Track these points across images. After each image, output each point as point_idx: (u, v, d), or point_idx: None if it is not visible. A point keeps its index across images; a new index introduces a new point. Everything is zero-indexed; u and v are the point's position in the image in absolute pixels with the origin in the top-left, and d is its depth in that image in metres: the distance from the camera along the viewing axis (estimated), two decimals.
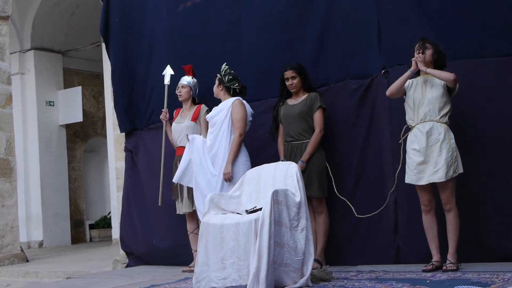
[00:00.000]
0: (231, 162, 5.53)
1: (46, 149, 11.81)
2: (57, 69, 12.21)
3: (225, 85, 5.82)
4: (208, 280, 4.44)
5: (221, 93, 5.86)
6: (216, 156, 5.68)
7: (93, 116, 13.07)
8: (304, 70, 5.54)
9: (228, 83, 5.81)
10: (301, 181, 4.63)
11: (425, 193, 4.81)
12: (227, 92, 5.84)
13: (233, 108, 5.65)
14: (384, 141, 5.39)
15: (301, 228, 4.42)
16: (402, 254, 5.29)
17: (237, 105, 5.66)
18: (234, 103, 5.67)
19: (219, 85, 5.86)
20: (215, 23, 6.48)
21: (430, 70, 4.76)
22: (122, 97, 7.19)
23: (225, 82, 5.81)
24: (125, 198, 7.20)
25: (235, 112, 5.64)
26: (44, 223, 11.59)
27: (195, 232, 6.01)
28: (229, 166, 5.52)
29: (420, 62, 4.79)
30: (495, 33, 4.97)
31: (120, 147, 7.49)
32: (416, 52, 4.83)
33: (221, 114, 5.70)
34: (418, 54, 4.81)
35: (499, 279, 4.04)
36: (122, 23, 7.22)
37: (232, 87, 5.81)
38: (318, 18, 5.83)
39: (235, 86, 5.82)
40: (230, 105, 5.67)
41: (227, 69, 5.84)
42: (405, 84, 4.93)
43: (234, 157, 5.55)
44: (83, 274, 6.90)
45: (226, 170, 5.52)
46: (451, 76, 4.68)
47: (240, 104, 5.68)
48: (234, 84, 5.82)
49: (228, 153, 5.58)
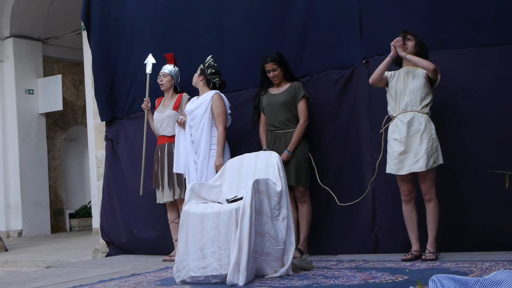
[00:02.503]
0: (221, 155, 5.59)
1: (26, 138, 11.71)
2: (36, 57, 12.09)
3: (206, 77, 5.82)
4: (187, 269, 4.43)
5: (201, 83, 5.86)
6: (198, 148, 5.71)
7: (73, 104, 12.98)
8: (284, 60, 5.53)
9: (210, 76, 5.80)
10: (282, 170, 4.63)
11: (406, 183, 4.84)
12: (206, 84, 5.84)
13: (213, 102, 5.68)
14: (365, 131, 5.42)
15: (282, 218, 4.43)
16: (381, 244, 5.33)
17: (217, 99, 5.68)
18: (214, 97, 5.69)
19: (200, 75, 5.85)
20: (198, 13, 6.44)
21: (409, 56, 4.78)
22: (103, 86, 7.14)
23: (207, 74, 5.81)
24: (105, 187, 7.17)
25: (216, 106, 5.67)
26: (23, 212, 11.51)
27: (176, 221, 6.00)
28: (221, 158, 5.57)
29: (399, 47, 4.81)
30: (473, 24, 5.01)
31: (100, 136, 7.45)
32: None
33: (201, 108, 5.72)
34: (397, 38, 4.82)
35: (477, 268, 4.09)
36: (104, 11, 7.15)
37: (213, 80, 5.81)
38: (300, 9, 5.83)
39: (215, 80, 5.82)
40: (210, 99, 5.69)
41: (212, 61, 5.82)
42: (388, 75, 4.95)
43: (222, 150, 5.61)
44: (62, 263, 6.87)
45: (219, 162, 5.55)
46: (431, 65, 4.71)
47: (220, 98, 5.71)
48: (215, 78, 5.82)
49: (208, 146, 5.65)
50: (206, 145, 5.66)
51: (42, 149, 12.06)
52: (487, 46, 4.96)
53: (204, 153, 5.65)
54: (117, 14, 7.09)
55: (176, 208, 6.07)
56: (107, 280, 4.88)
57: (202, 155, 5.66)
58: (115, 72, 7.08)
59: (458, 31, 5.06)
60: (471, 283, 3.07)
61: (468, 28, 5.04)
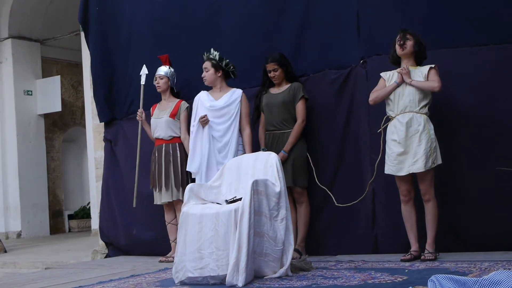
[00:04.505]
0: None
1: (24, 139, 11.70)
2: (35, 58, 12.09)
3: (225, 69, 5.70)
4: (184, 270, 4.43)
5: (219, 79, 5.71)
6: (226, 147, 5.58)
7: (72, 105, 12.97)
8: (286, 60, 5.52)
9: (226, 67, 5.69)
10: (281, 171, 4.63)
11: (405, 184, 4.84)
12: (225, 79, 5.73)
13: (243, 102, 5.64)
14: (363, 131, 5.42)
15: (280, 218, 4.43)
16: (381, 244, 5.32)
17: (245, 98, 5.66)
18: (243, 97, 5.65)
19: (217, 71, 5.69)
20: (196, 13, 6.44)
21: (414, 83, 4.76)
22: (101, 87, 7.13)
23: (224, 67, 5.68)
24: (104, 188, 7.16)
25: (245, 106, 5.64)
26: (22, 214, 11.50)
27: (173, 222, 6.00)
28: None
29: (405, 75, 4.80)
30: (471, 23, 5.01)
31: (99, 137, 7.44)
32: (398, 43, 4.84)
33: (233, 106, 5.62)
34: (403, 67, 4.81)
35: (476, 268, 4.08)
36: (101, 11, 7.15)
37: (229, 70, 5.72)
38: (298, 8, 5.83)
39: (231, 69, 5.72)
40: (240, 98, 5.63)
41: (219, 53, 5.70)
42: (385, 77, 4.95)
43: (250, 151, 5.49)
44: (61, 265, 6.86)
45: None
46: (435, 86, 4.70)
47: (246, 97, 5.67)
48: (230, 67, 5.72)
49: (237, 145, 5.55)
50: (236, 145, 5.58)
51: (40, 150, 12.05)
52: (485, 45, 4.96)
53: (234, 153, 5.52)
54: (115, 14, 7.09)
55: (173, 209, 6.06)
56: (106, 282, 4.87)
57: (231, 155, 5.49)
58: (114, 72, 7.07)
59: (455, 30, 5.06)
60: (470, 283, 3.07)
61: (465, 27, 5.03)
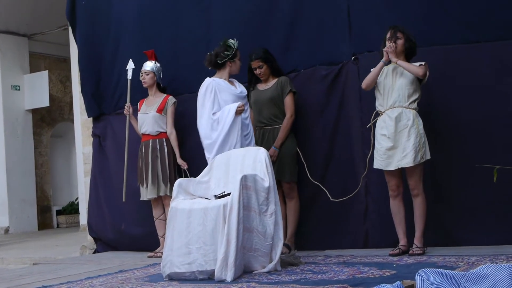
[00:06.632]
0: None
1: (12, 134, 11.63)
2: (22, 53, 12.01)
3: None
4: (170, 265, 4.42)
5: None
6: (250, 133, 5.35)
7: (60, 100, 12.90)
8: (270, 56, 5.48)
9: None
10: (269, 166, 4.62)
11: (393, 178, 4.86)
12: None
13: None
14: (354, 126, 5.42)
15: (270, 213, 4.43)
16: (371, 239, 5.34)
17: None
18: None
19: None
20: (185, 8, 6.41)
21: (400, 62, 4.78)
22: (89, 82, 7.10)
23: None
24: (92, 183, 7.14)
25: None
26: (10, 209, 11.44)
27: (161, 218, 5.99)
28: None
29: (391, 53, 4.81)
30: (462, 20, 5.01)
31: (87, 132, 7.41)
32: (388, 42, 4.85)
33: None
34: (390, 44, 4.82)
35: (464, 263, 4.11)
36: (89, 6, 7.11)
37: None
38: (288, 4, 5.81)
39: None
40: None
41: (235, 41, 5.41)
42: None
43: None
44: (50, 260, 6.84)
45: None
46: (420, 71, 4.72)
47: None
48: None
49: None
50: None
51: (28, 145, 11.98)
52: (476, 42, 4.97)
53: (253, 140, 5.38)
54: (102, 9, 7.04)
55: (161, 205, 6.05)
56: (95, 277, 4.86)
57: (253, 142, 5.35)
58: (102, 67, 7.04)
59: (447, 27, 5.07)
60: (458, 277, 3.09)
61: (457, 24, 5.04)
